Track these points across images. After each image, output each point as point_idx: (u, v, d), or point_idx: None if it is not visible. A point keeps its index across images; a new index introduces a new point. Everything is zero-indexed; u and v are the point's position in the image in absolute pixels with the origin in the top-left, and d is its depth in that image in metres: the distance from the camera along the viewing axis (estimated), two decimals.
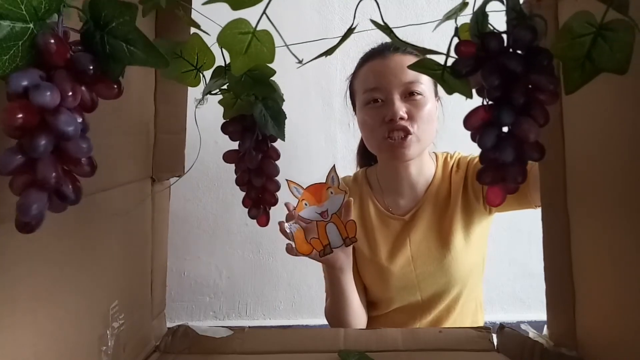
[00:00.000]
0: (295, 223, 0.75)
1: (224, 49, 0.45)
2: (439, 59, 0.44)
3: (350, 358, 0.62)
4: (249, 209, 0.61)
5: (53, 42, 0.33)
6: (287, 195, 0.72)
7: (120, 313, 0.59)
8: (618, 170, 0.47)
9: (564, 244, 0.56)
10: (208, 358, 0.66)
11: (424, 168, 0.97)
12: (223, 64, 0.52)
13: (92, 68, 0.35)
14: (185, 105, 0.71)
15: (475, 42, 0.40)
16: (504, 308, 1.56)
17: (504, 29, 0.40)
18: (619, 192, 0.47)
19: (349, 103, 1.03)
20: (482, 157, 0.43)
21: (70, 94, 0.34)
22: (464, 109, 0.43)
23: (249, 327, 0.71)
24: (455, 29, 0.42)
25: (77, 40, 0.37)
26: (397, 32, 0.48)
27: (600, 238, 0.51)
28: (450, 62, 0.42)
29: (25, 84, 0.32)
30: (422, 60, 0.43)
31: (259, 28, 0.44)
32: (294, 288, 1.57)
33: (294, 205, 0.74)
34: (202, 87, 0.54)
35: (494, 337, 0.66)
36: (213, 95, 0.55)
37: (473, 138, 0.42)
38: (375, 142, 0.92)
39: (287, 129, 0.57)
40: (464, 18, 0.44)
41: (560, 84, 0.38)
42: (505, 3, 0.39)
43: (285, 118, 0.57)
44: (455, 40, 0.42)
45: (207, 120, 0.64)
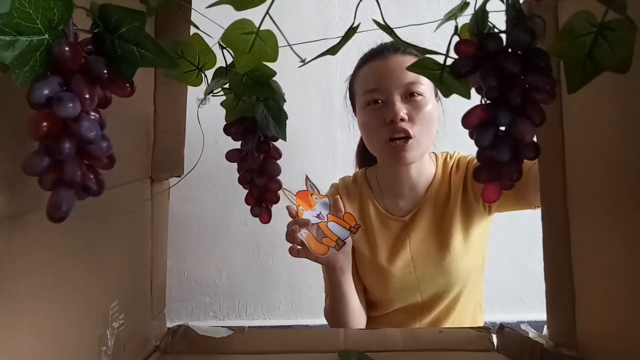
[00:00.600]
0: (305, 229, 0.80)
1: (228, 49, 0.46)
2: (439, 59, 0.44)
3: (350, 358, 0.62)
4: (252, 207, 0.61)
5: (67, 49, 0.35)
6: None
7: (120, 313, 0.59)
8: (618, 171, 0.47)
9: (564, 244, 0.56)
10: (208, 358, 0.66)
11: (424, 169, 0.96)
12: (224, 64, 0.52)
13: (106, 72, 0.37)
14: (185, 106, 0.71)
15: (475, 41, 0.40)
16: (504, 308, 1.56)
17: (504, 28, 0.40)
18: (619, 192, 0.47)
19: (349, 104, 1.03)
20: (479, 155, 0.43)
21: (88, 97, 0.36)
22: (464, 109, 0.43)
23: (249, 327, 0.70)
24: (456, 28, 0.42)
25: (86, 40, 0.38)
26: (397, 32, 0.48)
27: (600, 238, 0.51)
28: (449, 62, 0.43)
29: (47, 94, 0.34)
30: (420, 61, 0.43)
31: (262, 28, 0.44)
32: (294, 288, 1.57)
33: (295, 209, 0.78)
34: (203, 86, 0.54)
35: (494, 337, 0.66)
36: (214, 96, 0.56)
37: (471, 136, 0.42)
38: (377, 144, 0.92)
39: (287, 129, 0.57)
40: (465, 18, 0.44)
41: (560, 84, 0.38)
42: (506, 2, 0.39)
43: (287, 118, 0.57)
44: (455, 40, 0.42)
45: (207, 121, 0.64)
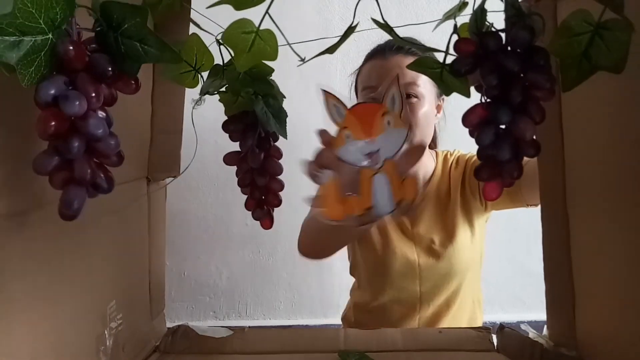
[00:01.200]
0: (329, 169, 0.49)
1: (229, 48, 0.46)
2: (439, 57, 0.44)
3: (350, 358, 0.62)
4: (253, 211, 0.60)
5: (72, 48, 0.36)
6: (291, 196, 0.59)
7: (118, 313, 0.59)
8: (617, 170, 0.47)
9: (564, 244, 0.56)
10: (208, 358, 0.66)
11: (422, 165, 0.98)
12: (220, 64, 0.52)
13: (110, 69, 0.38)
14: (183, 106, 0.71)
15: (474, 39, 0.40)
16: (504, 308, 1.56)
17: (503, 27, 0.40)
18: (619, 191, 0.47)
19: (353, 96, 1.04)
20: (479, 153, 0.43)
21: (94, 95, 0.36)
22: (464, 108, 0.43)
23: (249, 327, 0.70)
24: (455, 26, 0.42)
25: (90, 39, 0.38)
26: (398, 31, 0.48)
27: (600, 238, 0.51)
28: (449, 60, 0.43)
29: (54, 93, 0.35)
30: (420, 59, 0.43)
31: (261, 28, 0.45)
32: (294, 288, 1.57)
33: (330, 134, 0.49)
34: (199, 87, 0.54)
35: (494, 337, 0.67)
36: (213, 96, 0.55)
37: (471, 135, 0.42)
38: None
39: (287, 128, 0.57)
40: (464, 18, 0.44)
41: (559, 83, 0.38)
42: (505, 0, 0.39)
43: (287, 116, 0.56)
44: (454, 39, 0.42)
45: (207, 120, 0.64)
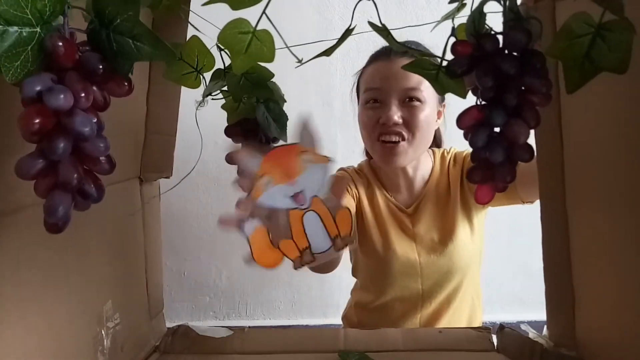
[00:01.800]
0: (253, 219, 0.45)
1: (225, 49, 0.45)
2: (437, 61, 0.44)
3: (350, 358, 0.62)
4: None
5: (61, 44, 0.34)
6: None
7: (115, 312, 0.59)
8: (617, 170, 0.47)
9: (563, 244, 0.56)
10: (208, 358, 0.66)
11: (420, 165, 0.98)
12: (222, 66, 0.52)
13: (101, 67, 0.36)
14: (178, 108, 0.71)
15: (472, 41, 0.40)
16: (504, 308, 1.56)
17: (501, 29, 0.40)
18: (618, 191, 0.48)
19: (354, 97, 1.04)
20: (473, 156, 0.43)
21: (83, 95, 0.35)
22: (461, 110, 0.43)
23: (249, 327, 0.71)
24: (452, 29, 0.42)
25: (83, 41, 0.37)
26: (397, 33, 0.48)
27: (600, 238, 0.52)
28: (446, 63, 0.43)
29: (39, 89, 0.33)
30: (417, 61, 0.43)
31: (259, 28, 0.44)
32: (294, 288, 1.57)
33: (249, 183, 0.44)
34: (202, 88, 0.54)
35: (494, 337, 0.67)
36: (213, 99, 0.56)
37: (465, 137, 0.42)
38: (369, 142, 0.94)
39: (287, 130, 0.57)
40: (464, 19, 0.44)
41: (559, 85, 0.38)
42: (503, 3, 0.39)
43: (287, 120, 0.57)
44: (452, 41, 0.42)
45: (207, 121, 0.64)
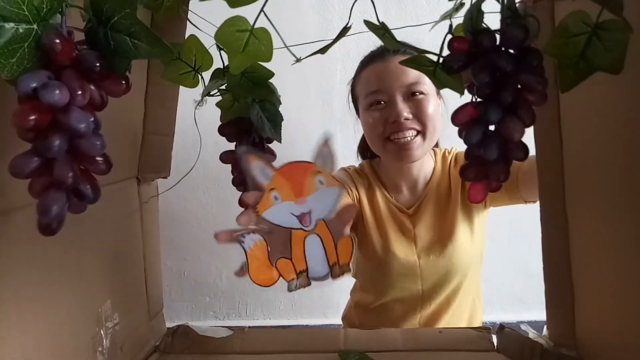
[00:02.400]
0: (254, 233, 0.45)
1: (222, 47, 0.45)
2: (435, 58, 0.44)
3: (350, 358, 0.62)
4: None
5: (58, 41, 0.34)
6: None
7: (114, 312, 0.59)
8: (616, 170, 0.47)
9: (563, 244, 0.56)
10: (208, 358, 0.66)
11: (424, 165, 0.98)
12: (221, 65, 0.52)
13: (98, 65, 0.36)
14: (176, 109, 0.71)
15: (468, 37, 0.40)
16: (504, 308, 1.56)
17: (498, 27, 0.40)
18: (618, 191, 0.47)
19: (352, 107, 1.03)
20: (467, 153, 0.43)
21: (80, 92, 0.34)
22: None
23: (249, 327, 0.71)
24: (450, 26, 0.42)
25: (81, 40, 0.37)
26: (396, 32, 0.48)
27: (599, 238, 0.51)
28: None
29: (34, 85, 0.33)
30: (415, 56, 0.43)
31: (257, 26, 0.44)
32: None
33: (256, 194, 0.45)
34: (200, 88, 0.54)
35: (494, 337, 0.67)
36: (212, 97, 0.56)
37: (459, 134, 0.42)
38: (379, 143, 0.92)
39: (286, 129, 0.57)
40: (462, 19, 0.44)
41: (558, 85, 0.38)
42: (501, 1, 0.39)
43: (282, 120, 0.57)
44: (449, 38, 0.42)
45: (207, 121, 0.64)
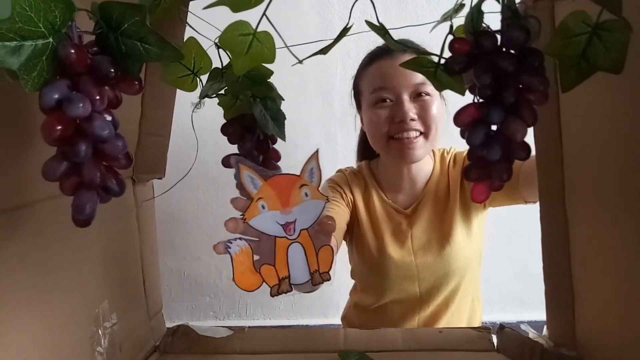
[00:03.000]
0: (241, 239, 0.49)
1: (226, 51, 0.46)
2: (436, 59, 0.44)
3: (350, 358, 0.62)
4: None
5: (73, 51, 0.36)
6: None
7: (111, 312, 0.59)
8: (616, 170, 0.47)
9: (563, 244, 0.56)
10: (208, 358, 0.66)
11: (423, 165, 0.98)
12: (220, 67, 0.52)
13: (113, 71, 0.38)
14: (172, 110, 0.71)
15: (470, 39, 0.40)
16: (504, 308, 1.56)
17: (499, 28, 0.40)
18: (618, 191, 0.47)
19: (353, 102, 1.03)
20: (469, 154, 0.43)
21: (98, 98, 0.36)
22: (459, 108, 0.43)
23: (249, 327, 0.71)
24: (450, 27, 0.42)
25: (91, 42, 0.38)
26: (396, 32, 0.48)
27: (599, 238, 0.51)
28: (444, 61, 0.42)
29: (57, 97, 0.35)
30: (416, 59, 0.43)
31: (259, 29, 0.44)
32: None
33: (245, 200, 0.48)
34: (198, 90, 0.54)
35: (494, 337, 0.67)
36: (212, 98, 0.55)
37: (462, 135, 0.42)
38: (382, 141, 0.92)
39: (286, 129, 0.57)
40: (462, 20, 0.44)
41: (558, 85, 0.38)
42: (501, 1, 0.39)
43: (285, 118, 0.57)
44: (450, 40, 0.42)
45: (206, 121, 0.64)
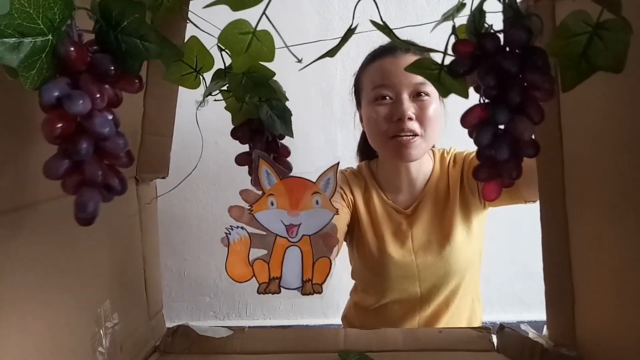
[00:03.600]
0: (242, 228, 0.50)
1: (225, 49, 0.46)
2: (438, 58, 0.44)
3: (350, 358, 0.62)
4: None
5: (73, 49, 0.35)
6: None
7: (113, 312, 0.59)
8: (616, 170, 0.47)
9: (563, 244, 0.56)
10: (208, 358, 0.66)
11: (423, 165, 0.98)
12: (222, 66, 0.52)
13: (113, 68, 0.37)
14: (174, 109, 0.71)
15: (472, 40, 0.40)
16: (504, 308, 1.56)
17: (501, 27, 0.40)
18: (618, 191, 0.47)
19: (353, 99, 1.03)
20: (478, 154, 0.43)
21: (99, 96, 0.36)
22: (463, 107, 0.43)
23: (249, 327, 0.71)
24: (453, 27, 0.42)
25: (91, 40, 0.38)
26: (396, 32, 0.48)
27: (599, 238, 0.51)
28: (448, 61, 0.43)
29: (57, 95, 0.34)
30: (419, 61, 0.43)
31: (259, 28, 0.45)
32: None
33: (255, 194, 0.48)
34: (201, 89, 0.54)
35: (494, 337, 0.67)
36: (213, 96, 0.56)
37: (470, 135, 0.42)
38: (380, 139, 0.92)
39: (292, 126, 0.57)
40: (463, 19, 0.44)
41: (558, 83, 0.38)
42: (503, 1, 0.39)
43: (291, 115, 0.57)
44: (452, 40, 0.42)
45: (207, 121, 0.64)
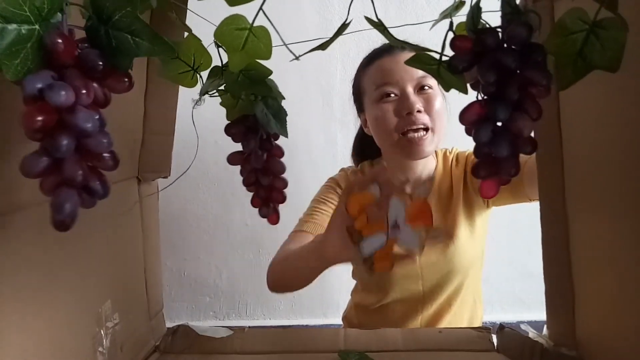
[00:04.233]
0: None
1: (221, 46, 0.45)
2: (436, 56, 0.43)
3: (350, 358, 0.62)
4: (259, 209, 0.60)
5: (60, 41, 0.34)
6: (291, 194, 0.60)
7: (114, 312, 0.59)
8: (616, 169, 0.47)
9: (563, 244, 0.56)
10: (208, 358, 0.66)
11: (427, 164, 0.98)
12: (220, 64, 0.52)
13: (101, 63, 0.36)
14: (175, 108, 0.71)
15: (471, 36, 0.40)
16: (504, 308, 1.56)
17: (499, 24, 0.40)
18: (618, 191, 0.47)
19: (354, 105, 1.02)
20: (476, 151, 0.43)
21: (84, 92, 0.35)
22: (462, 105, 0.43)
23: (249, 327, 0.71)
24: (450, 24, 0.42)
25: (82, 38, 0.37)
26: (396, 31, 0.48)
27: (599, 237, 0.51)
28: (445, 59, 0.42)
29: (40, 86, 0.33)
30: (418, 56, 0.43)
31: (256, 25, 0.44)
32: None
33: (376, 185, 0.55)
34: (198, 87, 0.54)
35: (494, 337, 0.67)
36: (211, 96, 0.56)
37: (468, 132, 0.42)
38: (390, 138, 0.91)
39: (286, 129, 0.57)
40: (463, 18, 0.43)
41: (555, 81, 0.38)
42: None
43: (286, 115, 0.57)
44: (450, 38, 0.41)
45: (207, 120, 0.64)
